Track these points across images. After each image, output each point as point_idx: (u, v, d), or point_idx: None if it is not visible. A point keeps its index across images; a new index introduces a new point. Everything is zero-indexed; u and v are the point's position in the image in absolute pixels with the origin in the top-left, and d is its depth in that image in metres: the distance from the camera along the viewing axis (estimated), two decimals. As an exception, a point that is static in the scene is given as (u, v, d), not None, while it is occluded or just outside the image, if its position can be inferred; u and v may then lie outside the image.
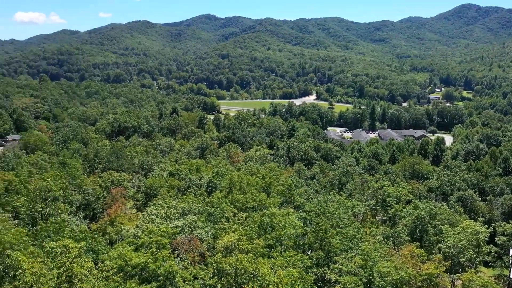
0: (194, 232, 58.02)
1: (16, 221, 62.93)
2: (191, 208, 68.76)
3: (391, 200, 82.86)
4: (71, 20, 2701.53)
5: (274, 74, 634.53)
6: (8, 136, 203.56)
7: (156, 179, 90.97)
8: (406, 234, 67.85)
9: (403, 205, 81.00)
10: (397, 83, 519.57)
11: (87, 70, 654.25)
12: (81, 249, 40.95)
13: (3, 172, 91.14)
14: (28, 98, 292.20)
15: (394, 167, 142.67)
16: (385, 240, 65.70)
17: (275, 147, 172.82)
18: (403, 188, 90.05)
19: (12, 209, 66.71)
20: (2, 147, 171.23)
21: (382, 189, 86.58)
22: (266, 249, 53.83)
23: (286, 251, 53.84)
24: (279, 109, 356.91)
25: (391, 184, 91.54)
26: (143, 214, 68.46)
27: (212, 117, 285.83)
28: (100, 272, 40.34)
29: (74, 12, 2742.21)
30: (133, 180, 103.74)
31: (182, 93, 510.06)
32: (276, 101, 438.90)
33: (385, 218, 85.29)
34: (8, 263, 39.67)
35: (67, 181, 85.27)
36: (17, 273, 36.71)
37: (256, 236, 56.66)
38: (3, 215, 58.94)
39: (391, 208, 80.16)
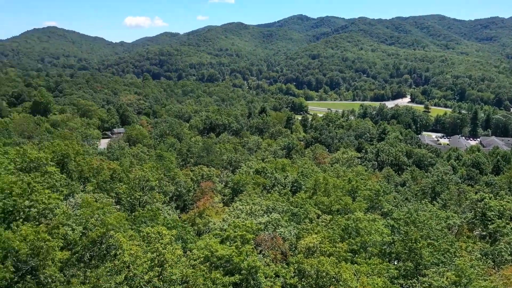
0: (277, 230, 58.57)
1: (118, 206, 69.33)
2: (275, 206, 69.50)
3: (492, 214, 75.27)
4: (172, 23, 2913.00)
5: (365, 75, 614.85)
6: (114, 129, 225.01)
7: (243, 176, 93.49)
8: (510, 253, 61.15)
9: (507, 221, 73.12)
10: (505, 86, 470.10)
11: (184, 70, 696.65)
12: (172, 237, 43.60)
13: (109, 161, 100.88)
14: (133, 95, 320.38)
15: (498, 179, 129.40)
16: (484, 257, 59.90)
17: (364, 150, 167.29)
18: (508, 202, 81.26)
19: (115, 195, 73.71)
20: (109, 139, 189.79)
21: (482, 202, 79.05)
22: (350, 254, 52.40)
23: (370, 258, 51.88)
24: (369, 111, 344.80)
25: (493, 197, 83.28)
26: (229, 209, 70.87)
27: (299, 117, 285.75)
28: (188, 260, 42.68)
29: (175, 16, 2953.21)
30: (221, 176, 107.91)
31: (271, 93, 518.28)
32: (367, 103, 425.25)
33: (484, 233, 77.79)
34: (110, 243, 43.93)
35: (162, 172, 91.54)
36: (118, 252, 40.40)
37: (339, 239, 55.45)
38: (108, 199, 65.19)
39: (492, 223, 72.85)
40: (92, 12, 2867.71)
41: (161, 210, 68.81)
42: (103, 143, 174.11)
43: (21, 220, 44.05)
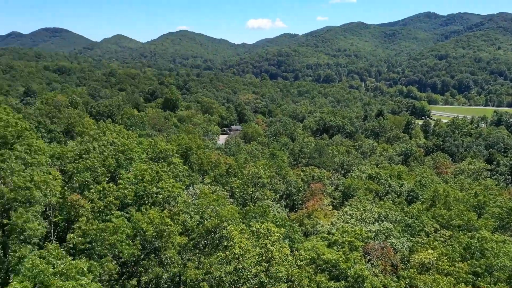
0: (388, 240, 55.81)
1: (231, 199, 73.21)
2: (387, 215, 66.32)
3: None
4: (291, 24, 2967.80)
5: (502, 78, 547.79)
6: (232, 126, 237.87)
7: (355, 180, 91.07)
8: None
9: None
10: None
11: (300, 71, 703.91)
12: (280, 235, 44.45)
13: (226, 156, 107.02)
14: (250, 94, 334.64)
15: None
16: None
17: (495, 162, 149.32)
18: None
19: (229, 188, 77.99)
20: (227, 135, 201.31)
21: None
22: (471, 276, 47.45)
23: (496, 284, 46.24)
24: (505, 118, 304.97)
25: None
26: (338, 213, 69.71)
27: (420, 122, 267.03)
28: (295, 259, 43.07)
29: (295, 17, 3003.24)
30: (332, 178, 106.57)
31: (390, 95, 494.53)
32: (502, 109, 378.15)
33: None
34: (223, 234, 46.69)
35: (274, 170, 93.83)
36: (229, 244, 42.73)
37: (459, 259, 50.61)
38: (223, 192, 69.23)
39: None
40: (219, 16, 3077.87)
41: (271, 207, 70.69)
42: (222, 139, 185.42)
43: (149, 204, 49.43)
